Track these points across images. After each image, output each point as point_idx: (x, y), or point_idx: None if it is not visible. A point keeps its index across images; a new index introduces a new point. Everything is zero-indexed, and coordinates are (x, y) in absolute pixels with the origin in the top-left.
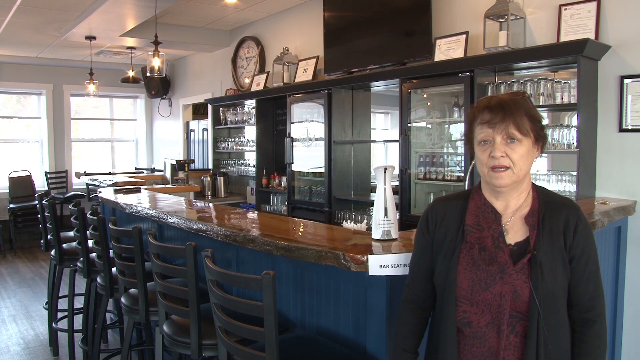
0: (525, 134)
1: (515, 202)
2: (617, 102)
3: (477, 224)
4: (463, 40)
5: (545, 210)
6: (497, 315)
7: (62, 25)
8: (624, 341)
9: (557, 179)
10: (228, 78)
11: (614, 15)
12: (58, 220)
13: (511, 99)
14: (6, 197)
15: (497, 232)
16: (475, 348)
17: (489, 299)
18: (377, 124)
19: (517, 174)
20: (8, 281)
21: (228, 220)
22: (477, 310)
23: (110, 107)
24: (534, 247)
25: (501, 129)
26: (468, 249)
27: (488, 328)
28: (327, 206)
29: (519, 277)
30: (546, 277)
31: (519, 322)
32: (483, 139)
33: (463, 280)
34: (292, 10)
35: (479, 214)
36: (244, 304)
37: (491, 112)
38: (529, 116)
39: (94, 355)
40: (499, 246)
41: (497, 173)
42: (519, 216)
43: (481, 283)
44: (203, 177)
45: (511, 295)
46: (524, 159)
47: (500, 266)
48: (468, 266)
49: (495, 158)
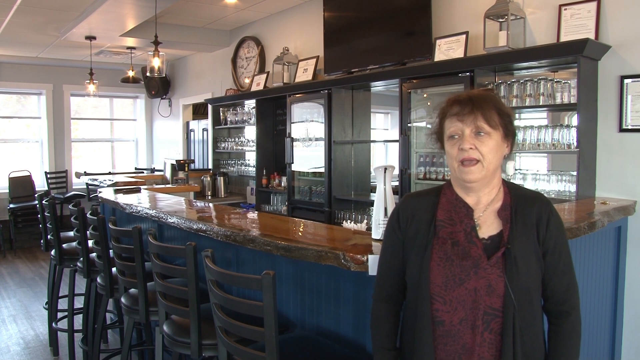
0: (494, 127)
1: (487, 197)
2: (617, 102)
3: (449, 219)
4: (463, 40)
5: (517, 204)
6: (471, 312)
7: (62, 25)
8: (624, 341)
9: (557, 179)
10: (228, 78)
11: (614, 15)
12: (58, 220)
13: (480, 93)
14: (6, 197)
15: (469, 227)
16: (448, 346)
17: (463, 295)
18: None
19: (487, 167)
20: (8, 281)
21: (228, 220)
22: (449, 309)
23: (110, 107)
24: (507, 241)
25: (469, 121)
26: (440, 244)
27: (462, 325)
28: (327, 206)
29: (494, 272)
30: (521, 271)
31: (493, 318)
32: (452, 134)
33: (437, 276)
34: (292, 10)
35: (451, 208)
36: (244, 304)
37: (460, 105)
38: (498, 110)
39: (94, 355)
40: (471, 240)
41: (467, 167)
42: (491, 210)
43: (455, 278)
44: (203, 177)
45: (486, 290)
46: (493, 152)
47: (474, 260)
48: (441, 262)
49: (464, 150)
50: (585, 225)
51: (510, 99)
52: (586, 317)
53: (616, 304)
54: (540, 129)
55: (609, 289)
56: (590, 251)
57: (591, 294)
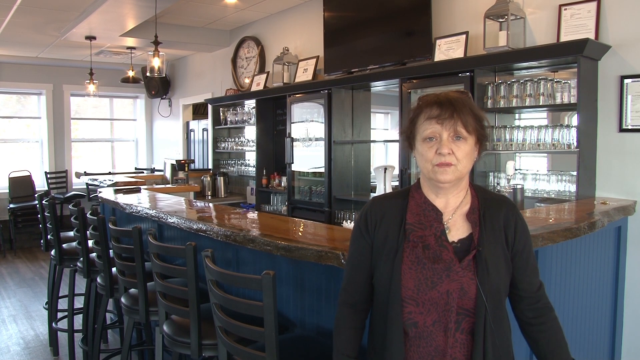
0: (470, 132)
1: (455, 199)
2: (617, 102)
3: (419, 222)
4: (463, 40)
5: (485, 208)
6: (443, 314)
7: (62, 25)
8: (624, 341)
9: (557, 179)
10: (228, 78)
11: (614, 15)
12: (58, 220)
13: (459, 97)
14: (6, 197)
15: (439, 230)
16: (421, 348)
17: (436, 298)
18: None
19: (461, 171)
20: (8, 281)
21: (228, 220)
22: (422, 310)
23: (110, 107)
24: (478, 244)
25: (449, 125)
26: (411, 247)
27: (434, 327)
28: (327, 206)
29: (465, 274)
30: (491, 273)
31: (464, 319)
32: (429, 136)
33: (409, 279)
34: (292, 10)
35: (420, 212)
36: (244, 304)
37: (440, 107)
38: (474, 115)
39: (94, 355)
40: (442, 244)
41: (442, 168)
42: (460, 214)
43: (427, 282)
44: (203, 177)
45: (458, 293)
46: (468, 157)
47: (446, 264)
48: (413, 265)
49: (442, 155)
50: (585, 225)
51: (510, 99)
52: (586, 317)
53: (616, 304)
54: (540, 129)
55: (609, 289)
56: (590, 251)
57: (591, 294)
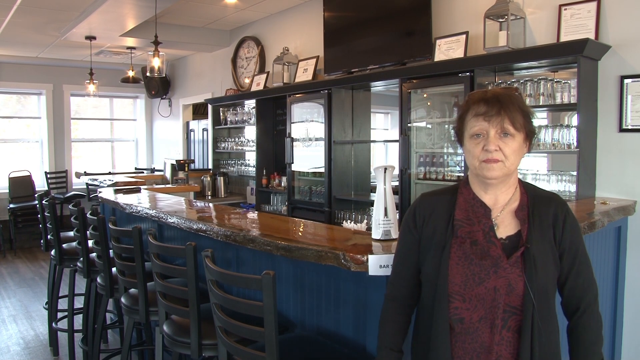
0: (518, 129)
1: (504, 196)
2: (617, 102)
3: (467, 218)
4: (463, 40)
5: (534, 205)
6: (490, 310)
7: (62, 25)
8: (624, 341)
9: (557, 179)
10: (228, 78)
11: (614, 15)
12: (58, 220)
13: (506, 93)
14: (6, 197)
15: (487, 226)
16: (467, 344)
17: (483, 294)
18: (377, 124)
19: (509, 167)
20: (8, 281)
21: (228, 220)
22: (469, 306)
23: (110, 107)
24: (526, 241)
25: (496, 122)
26: (459, 243)
27: (481, 323)
28: (327, 206)
29: (513, 271)
30: (539, 271)
31: (511, 316)
32: (477, 132)
33: (456, 275)
34: (292, 10)
35: (468, 208)
36: (244, 304)
37: (487, 104)
38: (522, 112)
39: (94, 355)
40: (490, 240)
41: (489, 164)
42: (509, 210)
43: (475, 277)
44: (203, 177)
45: (506, 289)
46: (515, 153)
47: (494, 260)
48: (460, 261)
49: (489, 152)
50: (585, 225)
51: None
52: None
53: (616, 303)
54: (540, 129)
55: (609, 289)
56: (590, 251)
57: None
